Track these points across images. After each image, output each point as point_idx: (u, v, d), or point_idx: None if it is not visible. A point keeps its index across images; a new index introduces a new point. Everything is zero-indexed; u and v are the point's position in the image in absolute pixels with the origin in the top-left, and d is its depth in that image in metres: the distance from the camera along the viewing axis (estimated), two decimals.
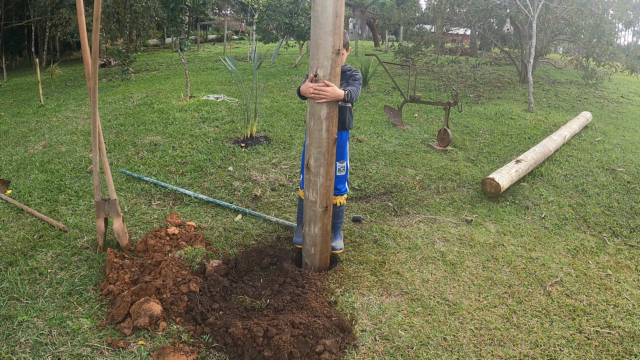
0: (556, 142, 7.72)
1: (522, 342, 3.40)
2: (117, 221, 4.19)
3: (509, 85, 14.44)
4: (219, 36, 36.91)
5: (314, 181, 3.82)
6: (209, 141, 7.35)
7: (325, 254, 4.09)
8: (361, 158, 7.01)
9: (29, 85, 15.52)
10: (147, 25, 18.69)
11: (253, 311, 3.50)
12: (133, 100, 10.75)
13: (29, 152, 7.28)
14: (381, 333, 3.40)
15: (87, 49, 3.87)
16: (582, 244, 4.98)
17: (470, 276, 4.22)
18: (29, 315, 3.38)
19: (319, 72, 3.57)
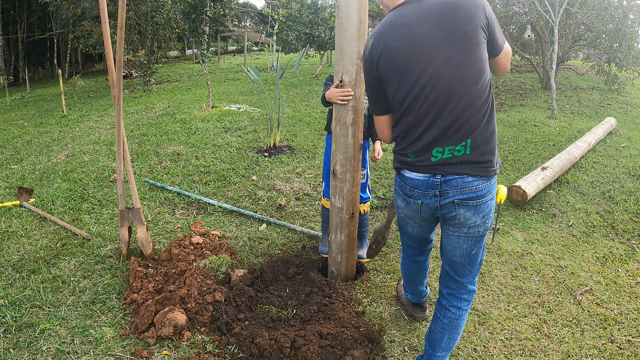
0: (581, 149, 7.59)
1: (553, 353, 3.32)
2: (141, 230, 4.17)
3: (531, 92, 14.29)
4: (239, 47, 37.18)
5: (340, 187, 3.77)
6: (232, 151, 7.34)
7: (351, 262, 4.03)
8: (385, 167, 6.94)
9: (51, 97, 15.71)
10: (168, 36, 18.81)
11: (279, 321, 3.45)
12: (155, 110, 10.81)
13: (52, 162, 7.32)
14: (410, 344, 3.33)
15: (112, 58, 3.87)
16: (610, 252, 4.87)
17: (499, 285, 4.13)
18: (52, 323, 3.37)
19: (344, 78, 3.53)
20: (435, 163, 2.35)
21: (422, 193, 2.42)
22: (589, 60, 16.66)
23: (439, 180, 2.36)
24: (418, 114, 2.33)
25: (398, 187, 2.60)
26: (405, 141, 2.43)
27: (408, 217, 2.69)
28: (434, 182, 2.37)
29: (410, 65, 2.29)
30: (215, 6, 11.28)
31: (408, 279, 3.32)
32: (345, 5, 3.35)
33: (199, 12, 10.49)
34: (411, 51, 2.28)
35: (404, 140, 2.44)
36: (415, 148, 2.38)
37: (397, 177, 2.58)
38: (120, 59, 3.71)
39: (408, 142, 2.41)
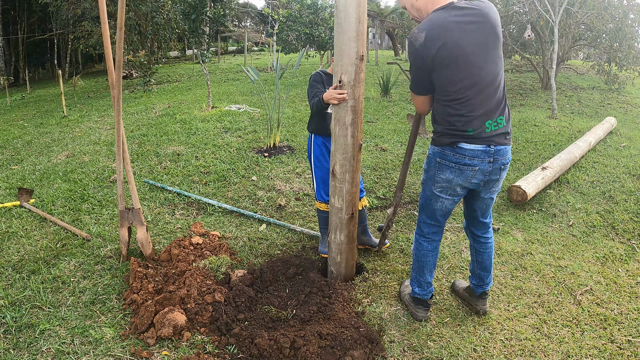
0: (581, 149, 7.59)
1: (553, 353, 3.31)
2: (141, 230, 4.17)
3: (531, 92, 14.30)
4: (239, 47, 37.18)
5: (339, 188, 3.76)
6: (232, 151, 7.34)
7: (351, 262, 4.03)
8: (385, 167, 6.94)
9: (51, 97, 15.72)
10: (168, 37, 18.81)
11: (279, 322, 3.45)
12: (155, 111, 10.81)
13: (52, 162, 7.32)
14: (410, 344, 3.32)
15: (111, 58, 3.87)
16: (611, 252, 4.87)
17: (498, 285, 4.13)
18: (51, 324, 3.37)
19: (343, 78, 3.52)
20: (489, 134, 2.94)
21: (480, 160, 2.98)
22: (589, 60, 16.66)
23: (493, 150, 2.97)
24: (475, 99, 2.89)
25: (450, 160, 3.03)
26: (462, 119, 2.93)
27: (450, 188, 3.15)
28: (490, 151, 2.97)
29: (467, 60, 2.83)
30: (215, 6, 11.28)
31: (421, 265, 3.50)
32: (343, 5, 3.34)
33: (199, 13, 10.49)
34: (467, 49, 2.82)
35: (460, 119, 2.94)
36: (473, 124, 2.92)
37: (450, 151, 3.02)
38: (119, 60, 3.71)
39: (465, 120, 2.93)
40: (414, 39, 2.87)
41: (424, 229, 3.44)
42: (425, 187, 3.27)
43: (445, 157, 3.05)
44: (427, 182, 3.24)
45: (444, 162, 3.06)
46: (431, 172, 3.17)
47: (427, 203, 3.31)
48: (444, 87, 2.93)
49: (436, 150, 3.10)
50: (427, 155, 3.22)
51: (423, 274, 3.52)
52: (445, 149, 3.04)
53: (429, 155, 3.18)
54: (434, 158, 3.13)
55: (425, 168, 3.25)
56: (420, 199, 3.40)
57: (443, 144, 3.04)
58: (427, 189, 3.26)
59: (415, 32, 2.86)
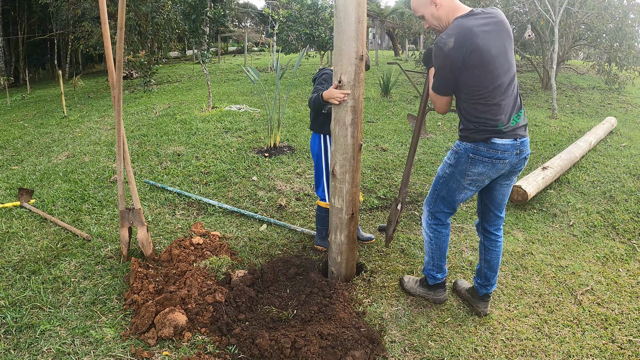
0: (582, 149, 7.59)
1: (554, 353, 3.32)
2: (141, 230, 4.16)
3: (532, 92, 14.30)
4: (239, 48, 37.18)
5: (339, 188, 3.76)
6: (232, 151, 7.34)
7: (351, 262, 4.03)
8: (386, 167, 6.93)
9: (52, 97, 15.72)
10: (168, 37, 18.81)
11: (280, 322, 3.44)
12: (155, 111, 10.81)
13: (53, 162, 7.32)
14: (411, 344, 3.32)
15: (112, 59, 3.86)
16: (611, 252, 4.88)
17: (499, 285, 4.13)
18: (52, 324, 3.36)
19: (342, 78, 3.53)
20: (514, 128, 3.20)
21: (510, 154, 3.22)
22: (590, 60, 16.66)
23: (519, 142, 3.22)
24: (501, 97, 3.13)
25: (484, 155, 3.24)
26: (492, 116, 3.16)
27: (480, 180, 3.37)
28: (516, 144, 3.22)
29: (493, 63, 3.05)
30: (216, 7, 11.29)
31: (442, 251, 3.72)
32: (343, 5, 3.34)
33: (199, 13, 10.49)
34: (492, 52, 3.04)
35: (491, 116, 3.16)
36: (502, 119, 3.16)
37: (484, 146, 3.22)
38: (120, 60, 3.70)
39: (495, 116, 3.15)
40: (443, 44, 3.04)
41: (442, 217, 3.63)
42: (451, 180, 3.43)
43: (479, 153, 3.25)
44: (455, 176, 3.40)
45: (477, 157, 3.26)
46: (462, 167, 3.33)
47: (450, 195, 3.49)
48: (474, 87, 3.13)
49: (468, 147, 3.28)
50: (454, 151, 3.38)
51: (443, 259, 3.74)
52: (479, 145, 3.23)
53: (459, 151, 3.34)
54: (465, 154, 3.30)
55: (452, 163, 3.39)
56: (439, 192, 3.54)
57: (476, 140, 3.24)
58: (452, 182, 3.43)
59: (444, 38, 3.03)
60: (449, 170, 3.42)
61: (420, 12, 3.31)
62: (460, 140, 3.35)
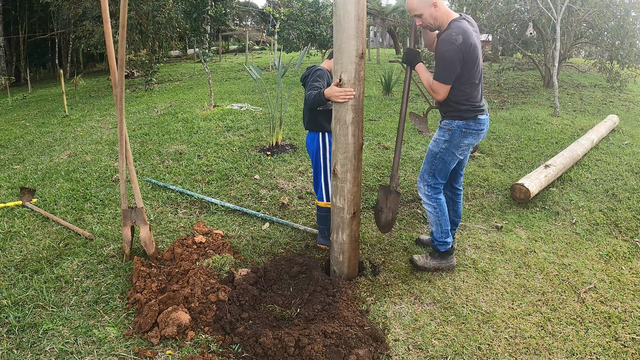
0: (584, 147, 7.57)
1: (557, 351, 3.31)
2: (144, 229, 4.16)
3: (533, 90, 14.27)
4: (240, 46, 37.14)
5: (340, 187, 3.76)
6: (234, 150, 7.33)
7: (353, 261, 4.03)
8: (388, 165, 6.92)
9: (53, 97, 15.72)
10: (169, 36, 18.80)
11: (283, 320, 3.44)
12: (157, 110, 10.81)
13: (54, 162, 7.32)
14: (414, 342, 3.32)
15: (113, 57, 3.85)
16: (614, 250, 4.86)
17: (502, 284, 4.12)
18: (55, 323, 3.36)
19: (343, 77, 3.52)
20: (485, 106, 4.02)
21: (486, 126, 4.06)
22: (591, 57, 16.63)
23: (487, 117, 4.07)
24: (479, 83, 3.93)
25: (473, 128, 3.97)
26: (476, 99, 3.92)
27: (467, 149, 4.11)
28: (488, 119, 4.07)
29: (479, 57, 3.81)
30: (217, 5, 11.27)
31: (445, 217, 4.23)
32: (343, 3, 3.34)
33: (200, 11, 10.47)
34: (479, 49, 3.79)
35: (476, 98, 3.91)
36: (481, 101, 3.98)
37: (473, 122, 3.94)
38: (122, 59, 3.70)
39: (477, 98, 3.93)
40: (454, 40, 3.62)
41: (439, 187, 4.19)
42: (446, 154, 4.03)
43: (470, 127, 3.96)
44: (450, 149, 4.01)
45: (469, 130, 3.96)
46: (456, 141, 3.98)
47: (445, 166, 4.10)
48: (468, 76, 3.80)
49: (461, 124, 3.94)
50: (447, 129, 4.00)
51: (447, 223, 4.26)
52: (469, 122, 3.94)
53: (452, 128, 3.96)
54: (458, 130, 3.95)
55: (446, 139, 3.99)
56: (436, 166, 4.10)
57: (468, 118, 3.93)
58: (447, 155, 4.04)
59: (453, 35, 3.62)
60: (444, 146, 4.01)
61: (420, 11, 3.75)
62: (452, 119, 3.96)
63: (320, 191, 4.50)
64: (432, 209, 4.20)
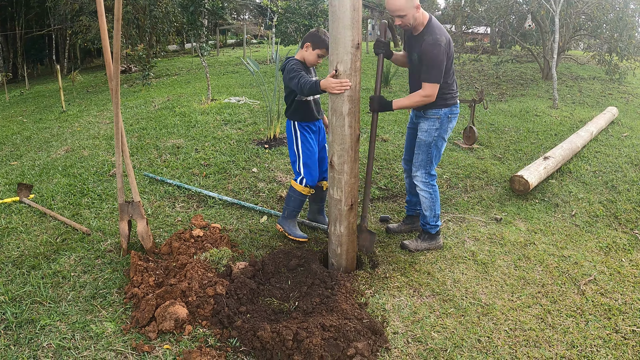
0: (583, 138, 7.55)
1: (558, 343, 3.30)
2: (141, 223, 4.13)
3: (532, 82, 14.25)
4: (238, 40, 37.04)
5: (337, 179, 3.73)
6: (232, 143, 7.30)
7: (352, 254, 4.01)
8: (387, 157, 6.90)
9: (50, 92, 15.68)
10: (166, 30, 18.73)
11: (281, 314, 3.42)
12: (154, 104, 10.77)
13: (52, 157, 7.28)
14: (414, 335, 3.30)
15: (109, 51, 3.82)
16: (614, 242, 4.86)
17: (502, 276, 4.11)
18: (52, 319, 3.33)
19: (339, 67, 3.49)
20: None
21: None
22: (590, 50, 16.60)
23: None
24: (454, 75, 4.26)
25: (454, 113, 4.30)
26: (454, 85, 4.27)
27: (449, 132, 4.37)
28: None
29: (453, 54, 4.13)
30: None
31: (439, 201, 4.47)
32: None
33: (197, 5, 10.43)
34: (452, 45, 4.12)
35: (454, 85, 4.26)
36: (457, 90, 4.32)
37: (454, 107, 4.28)
38: (117, 52, 3.66)
39: (455, 87, 4.28)
40: (440, 41, 3.92)
41: (433, 172, 4.42)
42: (439, 140, 4.30)
43: (453, 112, 4.28)
44: (442, 135, 4.29)
45: (452, 115, 4.28)
46: (445, 126, 4.27)
47: (439, 152, 4.37)
48: (449, 70, 4.11)
49: (446, 110, 4.22)
50: (436, 118, 4.23)
51: (439, 207, 4.51)
52: (452, 107, 4.26)
53: (440, 116, 4.22)
54: (445, 116, 4.23)
55: (437, 127, 4.24)
56: (432, 154, 4.32)
57: (451, 104, 4.23)
58: (440, 142, 4.31)
59: (438, 36, 3.92)
60: (436, 134, 4.26)
61: (405, 12, 3.92)
62: (439, 108, 4.20)
63: (297, 175, 4.53)
64: (429, 195, 4.40)
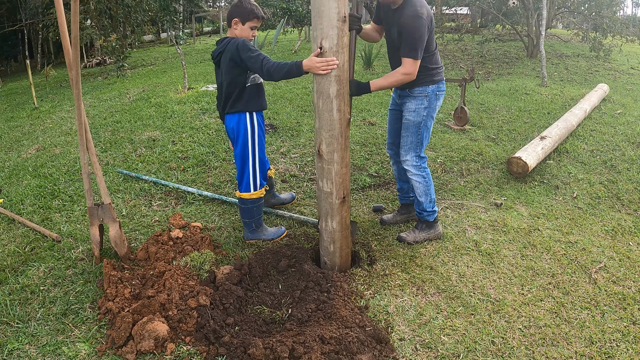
0: (578, 117, 7.31)
1: (575, 340, 3.07)
2: (114, 228, 3.73)
3: (517, 60, 14.06)
4: (214, 28, 36.42)
5: (327, 169, 3.39)
6: (210, 133, 6.92)
7: (346, 251, 3.68)
8: (375, 142, 6.57)
9: (23, 89, 15.17)
10: (140, 20, 18.23)
11: (274, 324, 3.07)
12: (129, 96, 10.34)
13: (22, 157, 6.87)
14: (422, 340, 2.99)
15: (67, 35, 3.38)
16: (619, 224, 4.67)
17: (509, 267, 3.85)
18: (21, 342, 2.97)
19: (324, 44, 3.12)
20: None
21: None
22: (569, 28, 16.49)
23: None
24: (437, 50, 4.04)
25: (442, 90, 4.06)
26: (440, 61, 4.05)
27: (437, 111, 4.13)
28: None
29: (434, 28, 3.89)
30: None
31: (432, 183, 4.20)
32: None
33: None
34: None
35: (439, 61, 4.04)
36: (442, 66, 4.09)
37: (441, 84, 4.05)
38: (76, 36, 3.25)
39: (440, 60, 4.04)
40: (421, 15, 3.63)
41: (423, 155, 4.16)
42: (428, 119, 4.05)
43: (440, 89, 4.05)
44: (430, 114, 4.05)
45: (440, 92, 4.05)
46: (433, 104, 4.03)
47: (428, 131, 4.11)
48: (430, 45, 3.86)
49: (434, 87, 3.98)
50: (424, 96, 3.98)
51: (434, 190, 4.23)
52: (439, 84, 4.02)
53: (428, 94, 3.97)
54: (433, 93, 3.99)
55: (426, 106, 4.00)
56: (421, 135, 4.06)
57: (437, 81, 4.00)
58: (429, 120, 4.06)
59: (419, 11, 3.62)
60: (425, 113, 4.01)
61: None
62: (426, 85, 3.95)
63: (246, 180, 4.01)
64: (422, 179, 4.13)
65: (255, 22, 3.82)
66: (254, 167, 3.99)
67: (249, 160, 3.98)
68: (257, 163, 4.00)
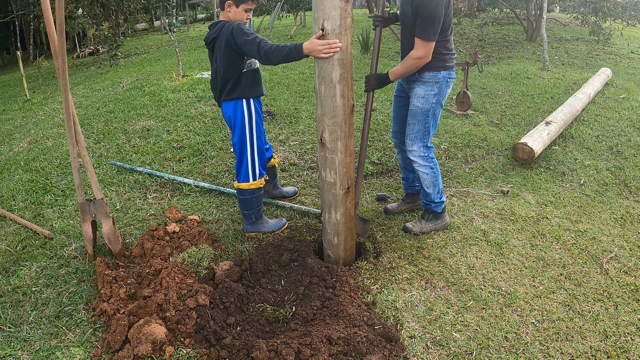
0: (582, 101, 7.16)
1: (590, 334, 2.97)
2: (107, 224, 3.56)
3: (517, 44, 13.88)
4: (208, 14, 36.13)
5: (330, 159, 3.23)
6: (206, 121, 6.73)
7: (350, 243, 3.54)
8: (377, 128, 6.41)
9: (15, 81, 14.95)
10: (133, 8, 17.96)
11: (277, 323, 2.92)
12: (122, 85, 10.14)
13: (14, 151, 6.68)
14: (433, 338, 2.86)
15: (52, 22, 3.19)
16: (627, 212, 4.57)
17: (519, 257, 3.73)
18: (13, 347, 2.83)
19: (326, 25, 2.94)
20: None
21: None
22: (567, 11, 16.33)
23: None
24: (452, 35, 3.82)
25: (452, 77, 3.86)
26: (452, 46, 3.83)
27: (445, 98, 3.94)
28: None
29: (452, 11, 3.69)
30: None
31: (439, 173, 4.04)
32: None
33: None
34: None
35: (452, 45, 3.81)
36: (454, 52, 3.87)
37: (452, 70, 3.85)
38: (61, 22, 3.06)
39: (453, 49, 3.85)
40: None
41: (429, 144, 3.99)
42: (436, 107, 3.86)
43: (451, 76, 3.85)
44: (440, 101, 3.86)
45: (450, 79, 3.86)
46: (443, 91, 3.83)
47: (436, 119, 3.94)
48: (445, 29, 3.68)
49: (445, 74, 3.79)
50: (434, 82, 3.77)
51: (441, 181, 4.08)
52: (450, 71, 3.83)
53: (439, 80, 3.78)
54: (444, 80, 3.80)
55: (436, 92, 3.79)
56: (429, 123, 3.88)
57: (449, 67, 3.81)
58: (437, 108, 3.88)
59: None
60: (435, 99, 3.81)
61: None
62: (437, 71, 3.75)
63: (245, 169, 3.86)
64: (430, 170, 3.97)
65: (250, 4, 3.60)
66: (253, 155, 3.83)
67: (247, 149, 3.81)
68: (256, 151, 3.83)
